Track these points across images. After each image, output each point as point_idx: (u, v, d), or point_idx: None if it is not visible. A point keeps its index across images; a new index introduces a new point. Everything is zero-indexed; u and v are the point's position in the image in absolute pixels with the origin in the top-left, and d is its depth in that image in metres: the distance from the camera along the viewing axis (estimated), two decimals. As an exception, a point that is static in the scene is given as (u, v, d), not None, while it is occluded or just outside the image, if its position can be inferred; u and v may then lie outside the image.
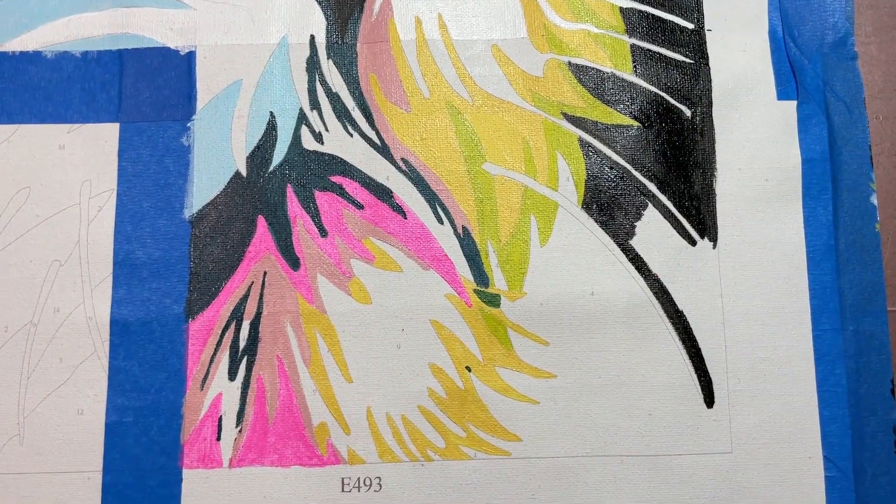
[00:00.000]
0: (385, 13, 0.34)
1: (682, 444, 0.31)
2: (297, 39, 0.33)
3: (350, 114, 0.33)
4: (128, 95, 0.33)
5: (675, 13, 0.34)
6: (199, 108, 0.33)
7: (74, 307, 0.31)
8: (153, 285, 0.31)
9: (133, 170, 0.32)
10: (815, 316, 0.31)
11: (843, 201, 0.32)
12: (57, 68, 0.33)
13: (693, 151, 0.33)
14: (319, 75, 0.33)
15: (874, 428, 0.31)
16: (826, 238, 0.32)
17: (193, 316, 0.31)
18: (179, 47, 0.33)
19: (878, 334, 0.31)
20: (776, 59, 0.33)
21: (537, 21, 0.34)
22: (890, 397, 0.31)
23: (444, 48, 0.33)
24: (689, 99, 0.33)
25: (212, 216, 0.32)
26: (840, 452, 0.30)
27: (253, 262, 0.32)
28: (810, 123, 0.33)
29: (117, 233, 0.32)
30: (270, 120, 0.33)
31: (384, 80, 0.33)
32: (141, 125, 0.33)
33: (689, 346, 0.31)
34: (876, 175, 0.32)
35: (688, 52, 0.33)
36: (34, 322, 0.31)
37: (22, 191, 0.32)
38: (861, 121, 0.33)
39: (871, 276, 0.32)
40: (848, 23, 0.33)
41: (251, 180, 0.32)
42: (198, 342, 0.31)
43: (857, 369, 0.31)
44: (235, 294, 0.32)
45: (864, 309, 0.31)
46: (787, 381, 0.31)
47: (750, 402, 0.31)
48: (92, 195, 0.32)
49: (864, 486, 0.30)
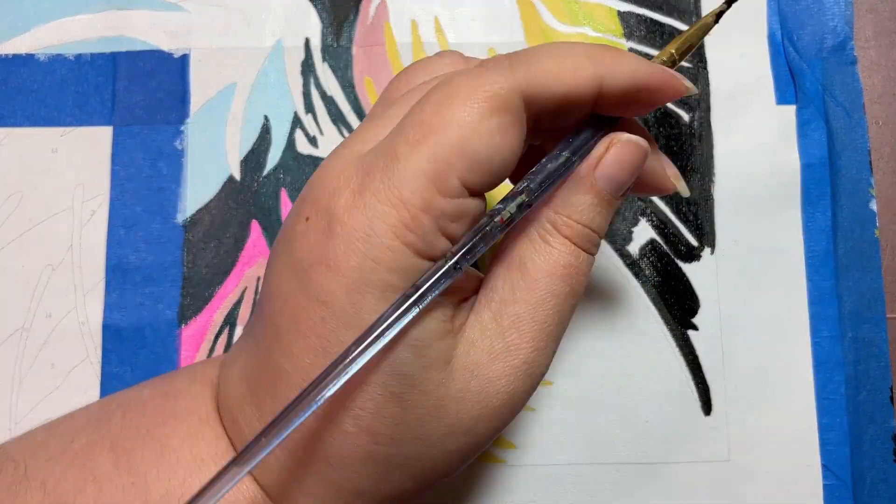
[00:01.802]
0: (381, 16, 0.33)
1: (679, 451, 0.30)
2: (291, 42, 0.33)
3: (345, 117, 0.33)
4: (121, 98, 0.33)
5: (672, 17, 0.33)
6: (193, 111, 0.33)
7: (66, 312, 0.31)
8: (146, 290, 0.31)
9: (126, 174, 0.32)
10: (813, 323, 0.31)
11: (843, 206, 0.32)
12: (50, 71, 0.33)
13: (691, 156, 0.32)
14: (314, 79, 0.33)
15: (873, 436, 0.30)
16: (825, 244, 0.32)
17: (186, 321, 0.31)
18: (173, 50, 0.33)
19: (877, 341, 0.31)
20: (775, 64, 0.33)
21: (535, 24, 0.33)
22: (889, 405, 0.31)
23: (441, 51, 0.33)
24: (686, 103, 0.33)
25: (205, 220, 0.32)
26: (838, 460, 0.30)
27: (246, 267, 0.32)
28: (809, 128, 0.32)
29: (110, 237, 0.32)
30: (265, 124, 0.33)
31: (380, 83, 0.33)
32: (134, 128, 0.32)
33: (686, 353, 0.31)
34: (875, 180, 0.32)
35: (686, 57, 0.33)
36: (26, 327, 0.31)
37: (14, 195, 0.32)
38: (860, 126, 0.32)
39: (870, 283, 0.31)
40: (847, 27, 0.33)
41: (245, 184, 0.32)
42: (191, 348, 0.31)
43: (856, 376, 0.31)
44: (229, 299, 0.31)
45: (863, 316, 0.31)
46: (786, 389, 0.31)
47: (748, 410, 0.31)
48: (85, 199, 0.32)
49: (862, 495, 0.30)
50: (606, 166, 0.22)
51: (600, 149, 0.22)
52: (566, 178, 0.22)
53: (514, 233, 0.22)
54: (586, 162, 0.22)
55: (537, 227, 0.22)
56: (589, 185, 0.22)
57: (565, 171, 0.22)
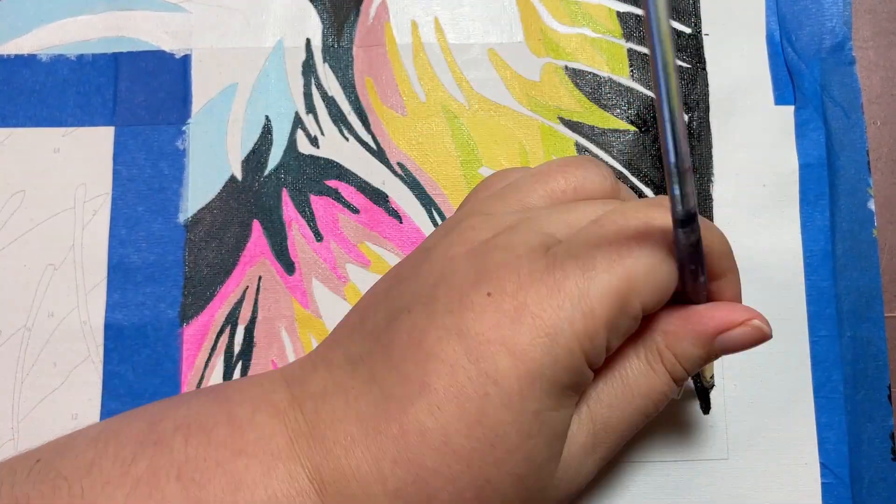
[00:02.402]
0: (381, 17, 0.34)
1: (677, 450, 0.30)
2: (292, 43, 0.33)
3: (346, 118, 0.33)
4: (123, 99, 0.33)
5: (672, 17, 0.34)
6: (195, 111, 0.33)
7: (69, 311, 0.31)
8: (147, 289, 0.31)
9: (128, 173, 0.32)
10: (811, 322, 0.31)
11: (841, 206, 0.32)
12: (52, 71, 0.33)
13: (690, 156, 0.33)
14: (315, 79, 0.33)
15: (871, 434, 0.31)
16: (823, 243, 0.32)
17: (188, 320, 0.31)
18: (175, 50, 0.33)
19: (875, 340, 0.31)
20: (773, 64, 0.33)
21: (534, 25, 0.34)
22: (887, 403, 0.31)
23: (441, 52, 0.33)
24: (686, 104, 0.33)
25: (207, 220, 0.32)
26: (837, 459, 0.30)
27: (248, 267, 0.32)
28: (808, 128, 0.32)
29: (112, 237, 0.32)
30: (266, 124, 0.33)
31: (380, 83, 0.33)
32: (136, 129, 0.33)
33: (685, 351, 0.31)
34: (874, 180, 0.32)
35: (685, 57, 0.33)
36: (28, 326, 0.31)
37: (16, 195, 0.32)
38: (859, 126, 0.33)
39: (868, 282, 0.32)
40: (846, 27, 0.33)
41: (246, 184, 0.32)
42: (192, 347, 0.31)
43: (855, 375, 0.31)
44: (230, 299, 0.31)
45: (861, 315, 0.31)
46: (784, 388, 0.31)
47: (746, 409, 0.31)
48: (86, 199, 0.32)
49: (860, 493, 0.30)
50: (732, 338, 0.23)
51: (734, 318, 0.23)
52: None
53: (624, 346, 0.24)
54: (715, 322, 0.23)
55: (646, 350, 0.24)
56: (708, 344, 0.23)
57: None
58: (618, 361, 0.24)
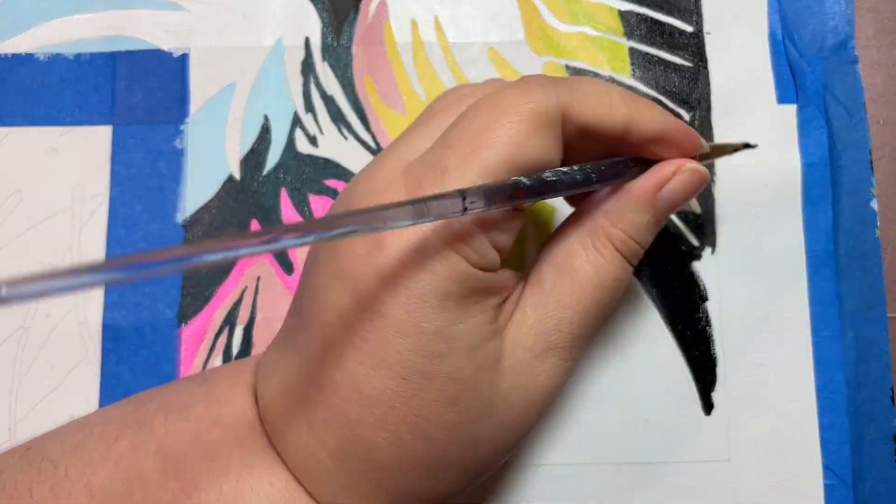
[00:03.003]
0: (380, 15, 0.33)
1: (679, 451, 0.30)
2: (291, 42, 0.33)
3: (345, 117, 0.33)
4: (121, 98, 0.33)
5: (673, 16, 0.33)
6: (193, 111, 0.32)
7: (66, 312, 0.31)
8: (145, 290, 0.31)
9: (126, 173, 0.32)
10: (814, 322, 0.31)
11: (843, 206, 0.32)
12: (49, 71, 0.33)
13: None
14: (314, 78, 0.33)
15: (874, 436, 0.30)
16: (826, 243, 0.32)
17: (186, 321, 0.31)
18: (173, 49, 0.33)
19: (878, 341, 0.31)
20: (776, 63, 0.33)
21: (535, 24, 0.33)
22: (890, 405, 0.31)
23: (441, 51, 0.33)
24: (687, 102, 0.33)
25: (205, 220, 0.32)
26: (839, 460, 0.30)
27: (246, 267, 0.32)
28: (810, 127, 0.32)
29: (110, 237, 0.32)
30: (264, 123, 0.33)
31: (380, 82, 0.33)
32: (134, 128, 0.32)
33: (687, 352, 0.31)
34: (876, 180, 0.32)
35: (687, 56, 0.33)
36: (25, 327, 0.31)
37: (14, 194, 0.32)
38: (861, 125, 0.32)
39: (871, 282, 0.31)
40: (848, 26, 0.33)
41: (245, 184, 0.32)
42: (190, 347, 0.31)
43: (857, 376, 0.31)
44: (228, 299, 0.31)
45: (864, 315, 0.31)
46: (786, 389, 0.31)
47: (748, 410, 0.31)
48: (84, 198, 0.32)
49: (863, 495, 0.30)
50: (672, 189, 0.23)
51: (666, 171, 0.23)
52: (588, 188, 0.22)
53: (565, 237, 0.23)
54: (650, 181, 0.23)
55: (592, 237, 0.23)
56: (650, 205, 0.23)
57: (587, 184, 0.22)
58: (564, 257, 0.23)
